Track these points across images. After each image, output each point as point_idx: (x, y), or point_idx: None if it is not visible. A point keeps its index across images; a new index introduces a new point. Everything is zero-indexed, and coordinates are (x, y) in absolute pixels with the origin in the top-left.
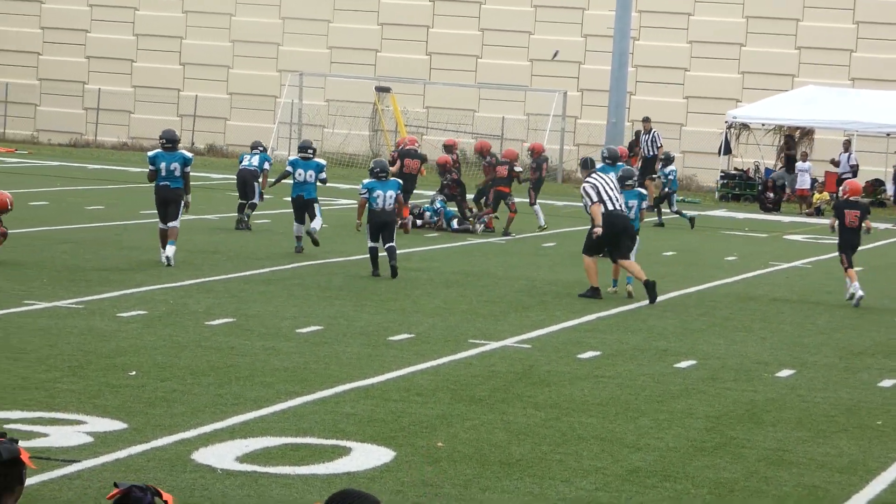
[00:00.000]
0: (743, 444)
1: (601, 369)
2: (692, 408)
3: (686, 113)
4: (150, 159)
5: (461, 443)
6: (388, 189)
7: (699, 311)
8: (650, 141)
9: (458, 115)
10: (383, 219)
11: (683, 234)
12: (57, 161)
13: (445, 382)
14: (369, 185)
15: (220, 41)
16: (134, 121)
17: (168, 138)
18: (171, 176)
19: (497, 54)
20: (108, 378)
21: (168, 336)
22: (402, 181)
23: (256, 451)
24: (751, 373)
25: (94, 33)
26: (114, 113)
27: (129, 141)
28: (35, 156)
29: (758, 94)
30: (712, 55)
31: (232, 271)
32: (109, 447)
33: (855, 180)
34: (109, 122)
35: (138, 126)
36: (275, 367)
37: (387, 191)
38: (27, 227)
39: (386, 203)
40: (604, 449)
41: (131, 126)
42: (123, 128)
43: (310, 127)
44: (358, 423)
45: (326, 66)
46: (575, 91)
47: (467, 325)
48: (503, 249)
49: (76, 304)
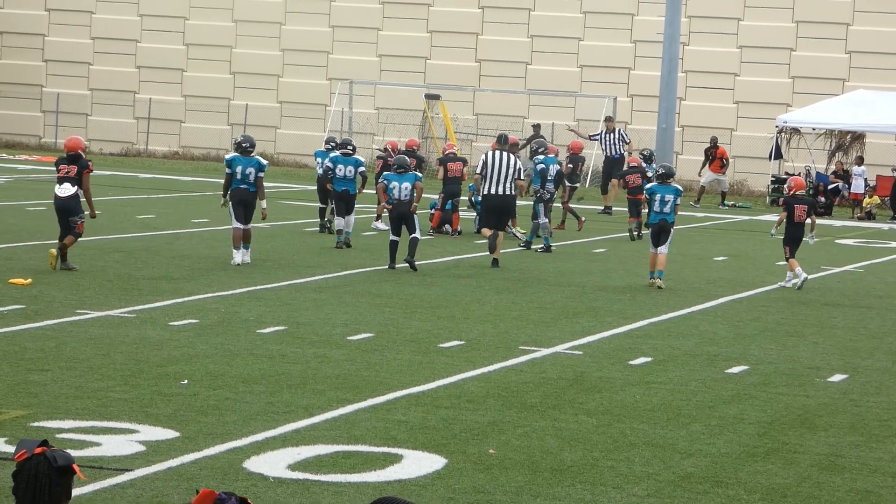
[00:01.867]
0: (795, 449)
1: (652, 375)
2: (744, 413)
3: (736, 118)
4: (227, 162)
5: (512, 450)
6: (405, 181)
7: (750, 315)
8: (615, 140)
9: (508, 121)
10: (400, 210)
11: (735, 239)
12: (109, 170)
13: (496, 389)
14: (387, 176)
15: (271, 50)
16: (185, 130)
17: (247, 142)
18: (245, 180)
19: (546, 60)
20: (160, 387)
21: (219, 344)
22: (445, 184)
23: (308, 459)
24: (803, 378)
25: (144, 43)
26: (165, 122)
27: (180, 150)
28: None
29: (808, 99)
30: (762, 60)
31: (283, 279)
32: (162, 456)
33: (798, 177)
34: (160, 132)
35: (189, 135)
36: (326, 374)
37: (402, 182)
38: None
39: (402, 194)
40: (655, 455)
41: (182, 135)
42: (174, 137)
43: (360, 135)
44: (409, 431)
45: (376, 75)
46: (625, 97)
47: (518, 332)
48: (553, 255)
49: (128, 313)
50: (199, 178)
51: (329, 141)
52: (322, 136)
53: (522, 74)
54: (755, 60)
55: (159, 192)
